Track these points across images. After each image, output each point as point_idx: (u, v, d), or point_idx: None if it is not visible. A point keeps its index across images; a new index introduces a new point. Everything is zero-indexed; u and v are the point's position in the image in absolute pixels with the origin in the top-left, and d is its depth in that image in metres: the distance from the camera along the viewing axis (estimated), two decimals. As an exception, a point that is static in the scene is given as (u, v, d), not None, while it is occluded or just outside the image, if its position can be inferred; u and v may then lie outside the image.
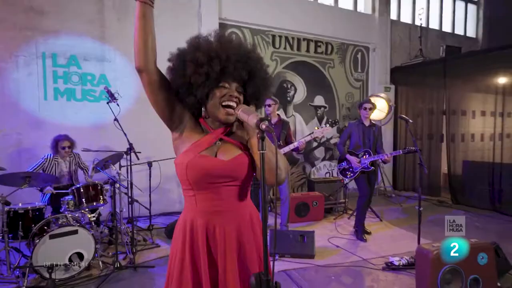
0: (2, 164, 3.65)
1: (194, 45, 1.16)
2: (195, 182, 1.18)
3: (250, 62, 1.18)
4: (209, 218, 1.20)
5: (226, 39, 1.18)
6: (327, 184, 4.87)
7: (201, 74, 1.11)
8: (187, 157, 1.17)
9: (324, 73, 6.24)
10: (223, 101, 1.15)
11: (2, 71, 3.92)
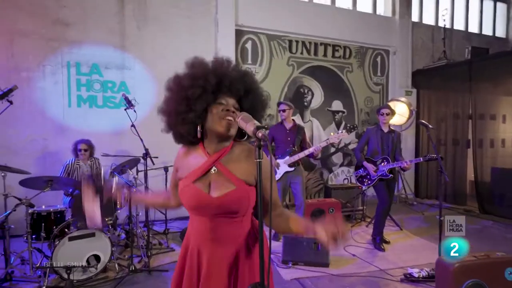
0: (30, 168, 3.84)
1: (188, 66, 1.19)
2: (189, 209, 1.23)
3: (246, 78, 1.20)
4: (200, 241, 1.22)
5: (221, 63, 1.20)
6: (344, 191, 4.76)
7: (198, 87, 1.13)
8: (182, 184, 1.22)
9: (342, 78, 6.14)
10: (220, 116, 1.15)
11: (31, 80, 4.15)
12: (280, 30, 5.57)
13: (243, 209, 1.19)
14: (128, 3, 4.59)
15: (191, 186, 1.18)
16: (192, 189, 1.18)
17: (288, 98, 5.68)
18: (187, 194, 1.19)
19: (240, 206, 1.17)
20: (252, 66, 5.46)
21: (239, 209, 1.18)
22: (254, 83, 1.23)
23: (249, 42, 5.43)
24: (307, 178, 5.85)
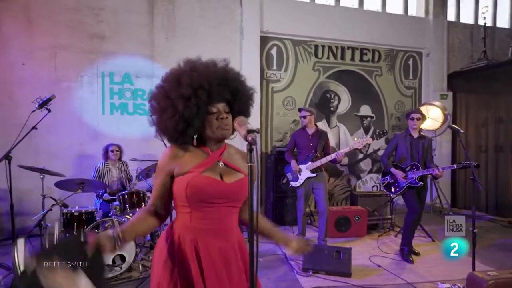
0: (67, 171, 4.14)
1: (174, 81, 1.20)
2: (194, 201, 1.21)
3: (230, 82, 1.23)
4: (199, 234, 1.22)
5: (200, 65, 1.23)
6: (371, 198, 4.58)
7: (192, 107, 1.16)
8: (189, 176, 1.21)
9: (370, 82, 5.96)
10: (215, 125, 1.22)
11: (70, 90, 4.49)
12: (306, 35, 5.55)
13: (243, 198, 1.28)
14: (157, 15, 4.83)
15: (202, 176, 1.20)
16: (205, 177, 1.20)
17: (314, 103, 5.61)
18: (200, 183, 1.19)
19: (244, 194, 1.26)
20: (277, 72, 5.48)
21: (242, 198, 1.28)
22: (238, 80, 1.27)
23: (274, 48, 5.46)
24: (333, 185, 5.71)
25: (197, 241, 1.21)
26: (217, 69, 1.23)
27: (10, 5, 4.32)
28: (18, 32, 4.34)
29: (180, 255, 1.21)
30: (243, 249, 1.29)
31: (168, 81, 1.23)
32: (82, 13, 4.53)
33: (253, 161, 0.99)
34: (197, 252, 1.21)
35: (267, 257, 3.64)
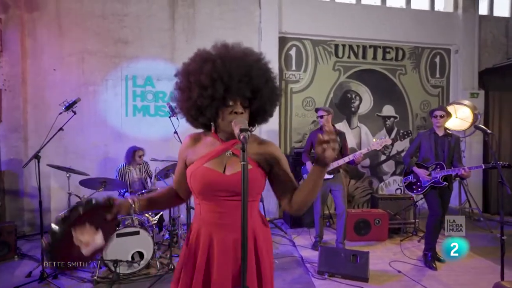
0: (93, 171, 4.35)
1: (198, 64, 1.18)
2: (198, 192, 1.22)
3: (253, 79, 1.17)
4: (210, 228, 1.22)
5: (228, 53, 1.19)
6: (393, 201, 4.41)
7: (206, 97, 1.15)
8: (193, 167, 1.23)
9: (394, 81, 5.76)
10: (230, 119, 1.16)
11: (96, 93, 4.72)
12: (326, 35, 5.46)
13: (254, 191, 1.21)
14: (178, 19, 4.96)
15: (202, 167, 1.20)
16: (204, 169, 1.19)
17: (334, 103, 5.51)
18: (198, 175, 1.19)
19: (253, 186, 1.18)
20: (296, 73, 5.44)
21: (251, 190, 1.17)
22: (263, 78, 1.19)
23: (293, 48, 5.43)
24: (354, 187, 5.56)
25: (207, 233, 1.22)
26: (242, 63, 1.16)
27: (43, 15, 4.61)
28: (50, 40, 4.62)
29: (193, 244, 1.25)
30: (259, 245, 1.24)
31: (194, 62, 1.20)
32: (107, 19, 4.75)
33: (246, 160, 0.98)
34: (206, 243, 1.21)
35: (283, 259, 3.62)
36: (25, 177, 4.46)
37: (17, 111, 4.47)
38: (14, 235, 3.64)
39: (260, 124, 1.34)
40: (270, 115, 1.31)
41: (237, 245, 1.18)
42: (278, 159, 1.27)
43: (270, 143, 1.31)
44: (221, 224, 1.20)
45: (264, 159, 1.25)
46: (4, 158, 4.45)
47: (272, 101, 1.26)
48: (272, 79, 1.25)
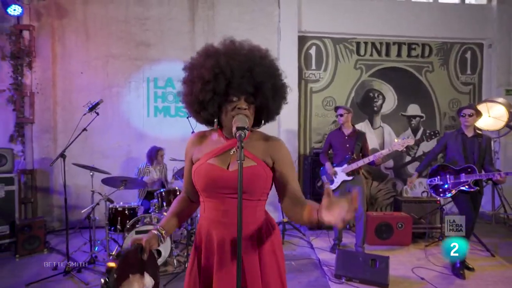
0: (116, 170, 4.50)
1: (202, 58, 1.19)
2: (202, 189, 1.22)
3: (256, 75, 1.15)
4: (213, 226, 1.22)
5: (233, 49, 1.18)
6: (418, 205, 4.21)
7: (208, 91, 1.14)
8: (197, 164, 1.23)
9: (420, 79, 5.51)
10: (233, 115, 1.16)
11: (119, 95, 4.89)
12: (347, 32, 5.33)
13: (258, 189, 1.19)
14: (198, 21, 5.03)
15: (206, 164, 1.20)
16: (208, 165, 1.19)
17: (356, 103, 5.36)
18: (202, 171, 1.19)
19: (257, 184, 1.17)
20: (316, 72, 5.35)
21: (254, 188, 1.17)
22: (267, 74, 1.17)
23: (313, 47, 5.34)
24: (377, 189, 5.38)
25: (211, 231, 1.21)
26: (245, 58, 1.15)
27: (72, 22, 4.84)
28: (78, 45, 4.85)
29: (198, 243, 1.25)
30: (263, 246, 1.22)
31: (199, 56, 1.20)
32: (130, 23, 4.91)
33: (242, 157, 0.97)
34: (210, 242, 1.21)
35: (301, 261, 3.56)
36: (55, 175, 4.71)
37: (47, 113, 4.73)
38: (44, 229, 3.84)
39: (267, 121, 1.31)
40: (275, 112, 1.28)
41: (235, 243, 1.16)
42: (280, 157, 1.24)
43: (276, 139, 1.29)
44: (225, 223, 1.19)
45: (269, 155, 1.23)
46: (37, 157, 4.72)
47: (275, 98, 1.23)
48: (276, 76, 1.22)
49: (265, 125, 1.33)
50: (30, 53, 4.66)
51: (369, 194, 5.36)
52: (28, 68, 4.67)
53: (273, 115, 1.29)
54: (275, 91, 1.21)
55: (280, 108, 1.28)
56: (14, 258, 3.60)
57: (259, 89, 1.17)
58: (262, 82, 1.16)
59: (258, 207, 1.24)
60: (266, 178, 1.21)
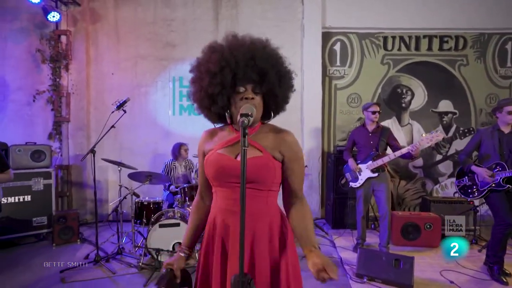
0: (144, 166, 4.68)
1: (207, 54, 1.23)
2: (213, 179, 1.26)
3: (259, 63, 1.17)
4: (225, 216, 1.24)
5: (236, 42, 1.22)
6: (448, 205, 3.98)
7: (216, 84, 1.17)
8: (208, 155, 1.27)
9: (453, 73, 5.22)
10: (241, 105, 1.18)
11: (147, 94, 5.09)
12: (373, 27, 5.17)
13: (267, 179, 1.20)
14: (221, 20, 5.11)
15: (216, 153, 1.23)
16: (217, 155, 1.23)
17: (383, 99, 5.19)
18: (212, 161, 1.23)
19: (265, 174, 1.19)
20: (340, 68, 5.24)
21: (263, 178, 1.19)
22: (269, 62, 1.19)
23: (337, 43, 5.24)
24: (405, 189, 5.16)
25: (223, 220, 1.24)
26: (247, 49, 1.18)
27: (104, 26, 5.11)
28: (109, 47, 5.11)
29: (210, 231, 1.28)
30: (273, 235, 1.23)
31: (204, 53, 1.24)
32: (157, 25, 5.09)
33: (247, 145, 0.98)
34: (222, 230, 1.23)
35: (322, 259, 3.50)
36: (87, 170, 4.99)
37: (82, 112, 5.03)
38: (77, 221, 4.09)
39: (277, 112, 1.31)
40: (283, 101, 1.28)
41: (250, 232, 1.20)
42: (289, 152, 1.25)
43: (287, 133, 1.29)
44: (235, 211, 1.20)
45: (278, 149, 1.24)
46: (72, 153, 5.03)
47: (281, 85, 1.23)
48: (279, 63, 1.23)
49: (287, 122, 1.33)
50: (67, 56, 4.98)
51: (397, 194, 5.16)
52: (65, 70, 4.99)
53: (281, 104, 1.29)
54: (280, 77, 1.22)
55: (287, 96, 1.28)
56: (51, 247, 3.87)
57: (264, 77, 1.19)
58: (266, 69, 1.18)
59: (269, 198, 1.24)
60: (274, 169, 1.21)
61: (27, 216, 3.97)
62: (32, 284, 2.94)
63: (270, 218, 1.24)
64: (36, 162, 4.12)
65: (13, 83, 4.99)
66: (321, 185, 5.06)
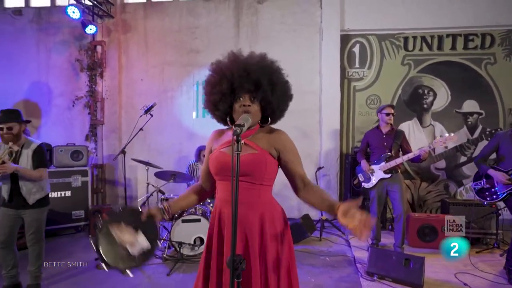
0: (170, 166, 5.00)
1: (212, 67, 1.47)
2: (216, 173, 1.46)
3: (252, 74, 1.36)
4: (224, 205, 1.44)
5: (233, 58, 1.43)
6: (469, 208, 3.90)
7: (216, 93, 1.42)
8: (212, 153, 1.49)
9: (479, 72, 5.07)
10: (239, 112, 1.39)
11: (173, 98, 5.43)
12: (393, 28, 5.15)
13: (258, 173, 1.38)
14: (242, 27, 5.34)
15: (219, 151, 1.43)
16: (220, 153, 1.42)
17: (403, 100, 5.16)
18: (215, 158, 1.43)
19: (256, 168, 1.37)
20: (359, 70, 5.27)
21: (254, 172, 1.37)
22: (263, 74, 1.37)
23: (356, 45, 5.27)
24: (426, 191, 5.09)
25: (221, 208, 1.44)
26: (243, 61, 1.39)
27: (134, 35, 5.53)
28: (139, 55, 5.51)
29: (213, 219, 1.49)
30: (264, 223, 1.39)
31: (210, 66, 1.48)
32: (182, 33, 5.42)
33: (239, 149, 1.17)
34: (221, 217, 1.44)
35: (335, 257, 3.61)
36: (119, 169, 5.41)
37: (114, 116, 5.47)
38: (110, 216, 4.47)
39: (273, 118, 1.49)
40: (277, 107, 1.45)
41: (244, 219, 1.38)
42: (282, 147, 1.43)
43: (279, 131, 1.49)
44: (229, 201, 1.39)
45: (273, 146, 1.43)
46: (105, 153, 5.48)
47: (274, 93, 1.41)
48: (272, 73, 1.41)
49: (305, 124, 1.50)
50: (102, 65, 5.44)
51: (418, 196, 5.10)
52: (100, 77, 5.45)
53: (276, 110, 1.46)
54: (273, 86, 1.40)
55: (282, 103, 1.45)
56: (88, 237, 4.28)
57: (259, 86, 1.38)
58: (259, 78, 1.37)
59: (261, 191, 1.43)
60: (266, 164, 1.39)
61: (67, 209, 4.43)
62: (72, 269, 3.32)
63: (262, 209, 1.42)
64: (75, 161, 4.58)
65: (55, 89, 5.54)
66: (339, 186, 5.12)
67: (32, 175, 2.65)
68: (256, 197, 1.42)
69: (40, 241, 2.78)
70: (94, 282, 3.05)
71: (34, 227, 2.72)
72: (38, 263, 2.78)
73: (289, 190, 1.52)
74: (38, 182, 2.70)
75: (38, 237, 2.76)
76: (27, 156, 2.66)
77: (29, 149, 2.70)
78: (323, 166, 4.94)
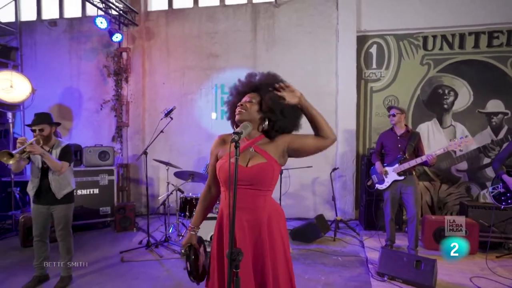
0: (189, 166, 5.22)
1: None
2: (223, 181, 1.58)
3: (252, 80, 1.63)
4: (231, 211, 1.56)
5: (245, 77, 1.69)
6: (488, 211, 3.81)
7: (229, 103, 1.71)
8: (220, 162, 1.59)
9: (504, 71, 4.89)
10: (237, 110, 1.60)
11: (193, 101, 5.65)
12: (411, 27, 5.08)
13: (265, 182, 1.50)
14: (259, 30, 5.46)
15: (226, 161, 1.50)
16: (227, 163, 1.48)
17: (422, 101, 5.07)
18: (224, 167, 1.51)
19: (265, 177, 1.49)
20: (377, 71, 5.24)
21: (262, 181, 1.48)
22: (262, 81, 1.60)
23: (373, 46, 5.25)
24: (447, 193, 4.97)
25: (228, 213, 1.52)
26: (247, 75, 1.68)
27: (157, 42, 5.81)
28: (161, 60, 5.79)
29: (219, 223, 1.62)
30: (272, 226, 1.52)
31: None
32: (202, 38, 5.63)
33: (237, 154, 1.29)
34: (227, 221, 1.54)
35: (348, 257, 3.65)
36: (143, 169, 5.71)
37: (138, 118, 5.77)
38: (134, 213, 4.76)
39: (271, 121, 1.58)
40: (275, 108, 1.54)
41: (250, 223, 1.51)
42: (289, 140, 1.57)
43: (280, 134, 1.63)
44: (239, 207, 1.49)
45: (281, 150, 1.56)
46: (130, 154, 5.80)
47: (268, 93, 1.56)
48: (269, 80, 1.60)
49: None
50: (127, 70, 5.76)
51: (437, 198, 4.99)
52: (125, 82, 5.78)
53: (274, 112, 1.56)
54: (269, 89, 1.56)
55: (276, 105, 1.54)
56: (114, 232, 4.58)
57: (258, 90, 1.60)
58: (259, 85, 1.60)
59: (266, 197, 1.55)
60: (273, 173, 1.51)
61: (95, 206, 4.75)
62: (99, 261, 3.59)
63: (268, 212, 1.54)
64: (102, 161, 4.90)
65: (85, 94, 5.94)
66: (355, 187, 5.12)
67: (54, 163, 2.77)
68: (262, 202, 1.53)
69: (68, 237, 3.01)
70: (118, 273, 3.29)
71: (62, 223, 2.96)
72: (68, 257, 3.04)
73: (305, 191, 1.64)
74: (65, 177, 2.92)
75: (66, 233, 2.99)
76: (55, 154, 2.91)
77: (58, 149, 2.95)
78: (338, 167, 4.96)
